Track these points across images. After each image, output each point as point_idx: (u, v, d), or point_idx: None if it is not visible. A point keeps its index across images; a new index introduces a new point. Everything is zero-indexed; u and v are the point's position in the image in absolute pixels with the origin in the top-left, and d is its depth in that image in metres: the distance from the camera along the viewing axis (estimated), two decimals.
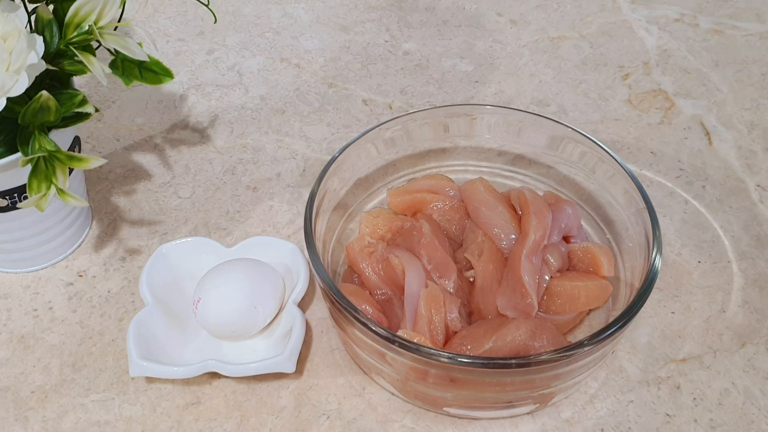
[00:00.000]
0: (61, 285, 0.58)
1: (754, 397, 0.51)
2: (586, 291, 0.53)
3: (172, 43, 0.81)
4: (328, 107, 0.73)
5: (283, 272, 0.56)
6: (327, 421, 0.50)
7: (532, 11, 0.84)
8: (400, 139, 0.60)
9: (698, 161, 0.67)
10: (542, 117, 0.58)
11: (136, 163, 0.68)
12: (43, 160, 0.48)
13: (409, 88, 0.75)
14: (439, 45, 0.80)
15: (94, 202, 0.64)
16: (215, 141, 0.70)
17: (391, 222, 0.57)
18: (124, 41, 0.49)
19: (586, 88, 0.75)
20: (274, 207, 0.64)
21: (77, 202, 0.49)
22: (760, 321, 0.56)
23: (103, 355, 0.54)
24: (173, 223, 0.63)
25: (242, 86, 0.75)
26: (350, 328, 0.48)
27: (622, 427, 0.50)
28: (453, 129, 0.60)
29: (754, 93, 0.74)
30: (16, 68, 0.45)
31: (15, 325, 0.56)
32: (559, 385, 0.48)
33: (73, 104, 0.50)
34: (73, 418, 0.51)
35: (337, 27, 0.82)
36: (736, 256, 0.60)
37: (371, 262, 0.54)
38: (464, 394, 0.48)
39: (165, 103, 0.73)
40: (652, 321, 0.56)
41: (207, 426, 0.50)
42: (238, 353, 0.53)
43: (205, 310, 0.52)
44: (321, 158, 0.68)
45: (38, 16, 0.50)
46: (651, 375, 0.53)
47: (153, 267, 0.55)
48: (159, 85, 0.52)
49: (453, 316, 0.50)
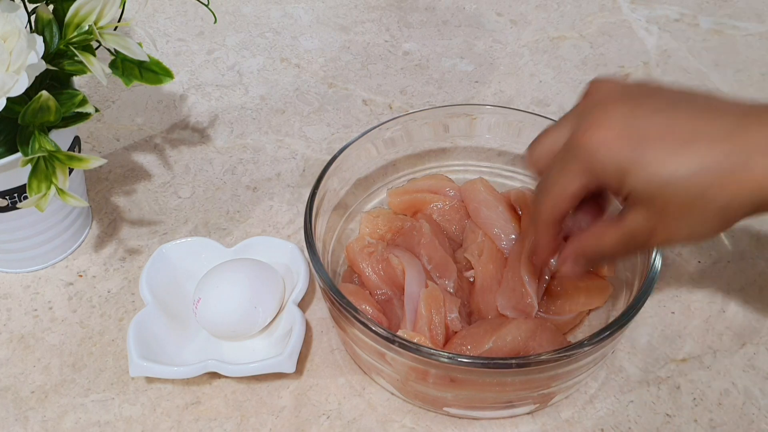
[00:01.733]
0: (61, 285, 0.58)
1: (754, 397, 0.51)
2: (586, 291, 0.53)
3: (172, 43, 0.81)
4: (328, 107, 0.73)
5: (283, 272, 0.56)
6: (327, 421, 0.50)
7: (532, 11, 0.84)
8: (400, 139, 0.60)
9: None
10: (542, 117, 0.58)
11: (136, 163, 0.68)
12: (43, 160, 0.48)
13: (409, 88, 0.75)
14: (439, 45, 0.80)
15: (94, 202, 0.64)
16: (215, 141, 0.70)
17: (391, 222, 0.57)
18: (124, 41, 0.49)
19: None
20: (274, 207, 0.64)
21: (77, 202, 0.49)
22: (760, 321, 0.56)
23: (103, 355, 0.54)
24: (173, 223, 0.63)
25: (242, 86, 0.75)
26: (350, 328, 0.48)
27: (622, 427, 0.50)
28: (453, 129, 0.60)
29: (754, 93, 0.74)
30: (16, 68, 0.45)
31: (15, 325, 0.56)
32: (559, 385, 0.48)
33: (73, 104, 0.50)
34: (73, 418, 0.51)
35: (337, 27, 0.82)
36: (736, 256, 0.60)
37: (371, 262, 0.54)
38: (464, 394, 0.48)
39: (165, 103, 0.73)
40: (652, 321, 0.56)
41: (207, 426, 0.50)
42: (238, 353, 0.53)
43: (205, 310, 0.52)
44: (321, 158, 0.68)
45: (38, 16, 0.50)
46: (651, 375, 0.53)
47: (153, 267, 0.55)
48: (159, 85, 0.52)
49: (453, 316, 0.50)
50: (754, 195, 0.38)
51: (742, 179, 0.38)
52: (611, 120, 0.41)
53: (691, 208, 0.39)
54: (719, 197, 0.38)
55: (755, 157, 0.38)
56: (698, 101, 0.41)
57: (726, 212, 0.39)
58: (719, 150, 0.39)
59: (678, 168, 0.39)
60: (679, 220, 0.40)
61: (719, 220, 0.39)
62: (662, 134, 0.40)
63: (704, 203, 0.39)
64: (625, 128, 0.40)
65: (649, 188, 0.39)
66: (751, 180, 0.38)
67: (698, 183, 0.39)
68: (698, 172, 0.39)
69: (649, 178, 0.39)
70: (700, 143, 0.39)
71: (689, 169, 0.39)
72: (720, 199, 0.39)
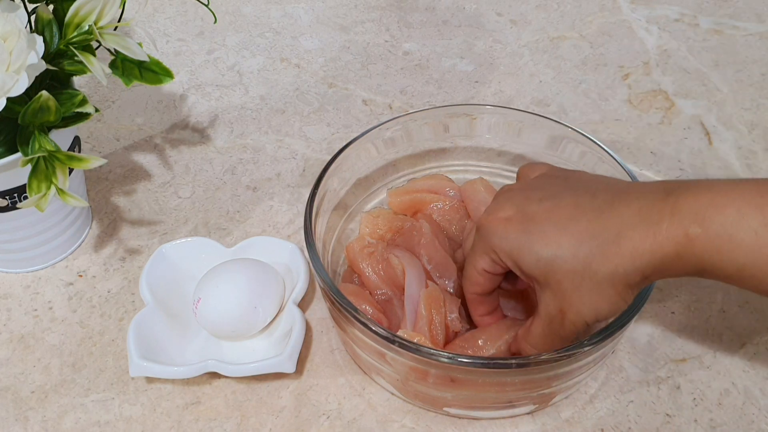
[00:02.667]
0: (61, 285, 0.58)
1: (754, 397, 0.51)
2: None
3: (172, 43, 0.81)
4: (328, 107, 0.73)
5: (283, 272, 0.56)
6: (327, 421, 0.50)
7: (532, 11, 0.84)
8: (400, 139, 0.60)
9: (698, 161, 0.67)
10: (542, 117, 0.58)
11: (136, 163, 0.68)
12: (43, 160, 0.48)
13: (409, 88, 0.75)
14: (439, 45, 0.80)
15: (94, 202, 0.64)
16: (215, 141, 0.70)
17: (391, 222, 0.57)
18: (124, 41, 0.49)
19: (586, 88, 0.75)
20: (274, 207, 0.64)
21: (77, 202, 0.49)
22: (760, 321, 0.56)
23: (103, 355, 0.54)
24: (173, 223, 0.63)
25: (242, 86, 0.75)
26: (350, 328, 0.48)
27: (622, 427, 0.50)
28: (453, 129, 0.60)
29: (754, 93, 0.74)
30: (16, 68, 0.45)
31: (15, 325, 0.56)
32: (559, 385, 0.48)
33: (73, 104, 0.50)
34: (73, 418, 0.51)
35: (337, 27, 0.82)
36: None
37: (371, 262, 0.54)
38: (464, 394, 0.48)
39: (165, 103, 0.73)
40: (652, 321, 0.56)
41: (207, 426, 0.50)
42: (238, 353, 0.53)
43: (205, 310, 0.52)
44: (321, 158, 0.68)
45: (38, 16, 0.50)
46: (651, 375, 0.53)
47: (153, 267, 0.55)
48: (159, 85, 0.52)
49: (453, 316, 0.50)
50: (636, 262, 0.40)
51: (620, 249, 0.41)
52: (508, 205, 0.45)
53: (581, 280, 0.42)
54: (603, 267, 0.41)
55: (625, 230, 0.41)
56: (587, 184, 0.45)
57: (614, 280, 0.41)
58: (597, 224, 0.42)
59: (561, 244, 0.42)
60: (576, 294, 0.42)
61: (613, 290, 0.41)
62: (548, 216, 0.43)
63: (591, 274, 0.41)
64: (517, 213, 0.45)
65: (539, 267, 0.43)
66: (627, 248, 0.40)
67: (582, 257, 0.41)
68: (580, 246, 0.42)
69: (538, 257, 0.43)
70: (580, 220, 0.42)
71: (571, 244, 0.42)
72: (604, 269, 0.41)
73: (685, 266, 0.40)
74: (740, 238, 0.38)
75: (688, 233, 0.39)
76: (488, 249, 0.45)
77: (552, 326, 0.44)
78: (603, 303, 0.42)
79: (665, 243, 0.40)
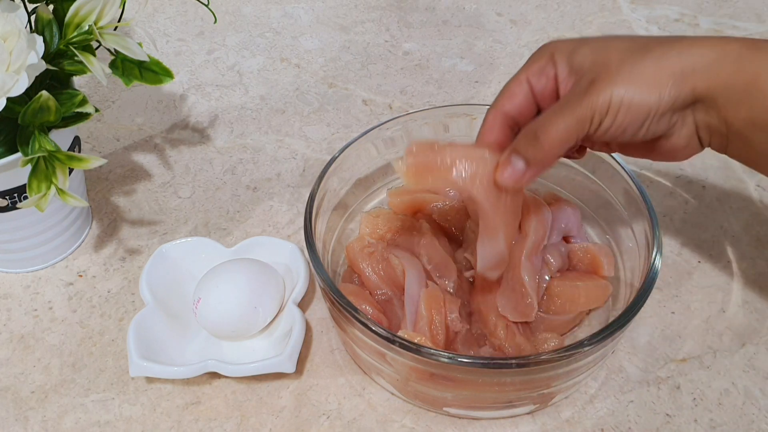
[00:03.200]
0: (61, 285, 0.58)
1: (754, 397, 0.51)
2: (585, 291, 0.52)
3: (172, 43, 0.81)
4: (328, 107, 0.73)
5: (283, 272, 0.56)
6: (327, 421, 0.50)
7: (532, 11, 0.84)
8: (400, 139, 0.59)
9: (698, 161, 0.67)
10: None
11: (136, 163, 0.68)
12: (43, 160, 0.48)
13: (409, 88, 0.75)
14: (439, 45, 0.80)
15: (94, 202, 0.64)
16: (215, 141, 0.70)
17: (391, 222, 0.57)
18: (124, 41, 0.49)
19: None
20: (274, 207, 0.64)
21: (77, 202, 0.49)
22: (760, 321, 0.56)
23: (103, 355, 0.54)
24: (173, 223, 0.63)
25: (242, 86, 0.75)
26: (350, 328, 0.48)
27: (622, 427, 0.50)
28: (453, 129, 0.60)
29: None
30: (16, 68, 0.45)
31: (15, 325, 0.56)
32: (559, 385, 0.48)
33: (73, 104, 0.50)
34: (73, 418, 0.51)
35: (337, 27, 0.82)
36: (736, 256, 0.60)
37: (371, 262, 0.54)
38: (464, 394, 0.48)
39: (165, 103, 0.73)
40: (652, 321, 0.56)
41: (207, 426, 0.50)
42: (238, 353, 0.53)
43: (205, 310, 0.52)
44: (321, 158, 0.68)
45: (38, 16, 0.50)
46: (651, 375, 0.53)
47: (153, 267, 0.55)
48: (159, 85, 0.52)
49: (453, 316, 0.50)
50: (694, 59, 0.41)
51: (681, 44, 0.42)
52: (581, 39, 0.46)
53: (630, 54, 0.42)
54: (658, 48, 0.41)
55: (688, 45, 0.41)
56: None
57: (662, 64, 0.41)
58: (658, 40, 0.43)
59: (623, 39, 0.43)
60: (618, 65, 0.42)
61: (658, 74, 0.41)
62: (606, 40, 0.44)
63: (644, 50, 0.42)
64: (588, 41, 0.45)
65: (594, 52, 0.43)
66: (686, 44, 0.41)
67: (641, 42, 0.42)
68: (639, 40, 0.43)
69: (595, 46, 0.43)
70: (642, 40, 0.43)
71: (632, 40, 0.43)
72: (659, 50, 0.41)
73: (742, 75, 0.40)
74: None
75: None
76: (542, 52, 0.46)
77: (569, 101, 0.43)
78: (640, 84, 0.41)
79: (726, 58, 0.40)
